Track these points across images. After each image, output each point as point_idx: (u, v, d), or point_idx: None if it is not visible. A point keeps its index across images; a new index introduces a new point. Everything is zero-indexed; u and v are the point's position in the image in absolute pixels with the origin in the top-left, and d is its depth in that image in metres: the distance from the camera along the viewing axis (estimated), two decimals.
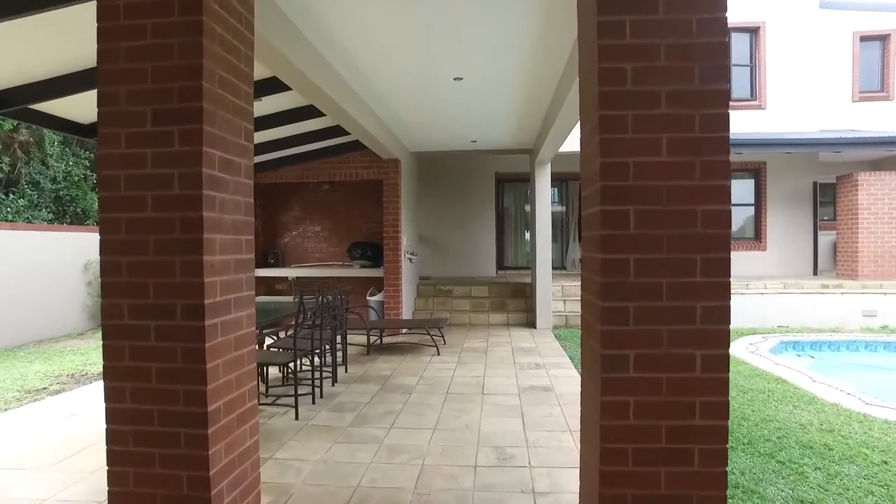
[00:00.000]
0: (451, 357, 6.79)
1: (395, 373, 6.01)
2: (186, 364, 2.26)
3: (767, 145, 10.24)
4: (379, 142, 7.16)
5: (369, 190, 9.07)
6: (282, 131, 6.95)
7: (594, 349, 2.16)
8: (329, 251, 9.45)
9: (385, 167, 8.34)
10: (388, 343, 7.72)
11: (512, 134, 8.36)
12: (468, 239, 12.19)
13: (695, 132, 2.04)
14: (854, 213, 9.96)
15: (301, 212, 9.48)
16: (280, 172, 8.65)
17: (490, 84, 5.76)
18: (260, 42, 3.41)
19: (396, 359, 6.75)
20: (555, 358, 6.70)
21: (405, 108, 6.69)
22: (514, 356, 6.81)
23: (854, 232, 9.96)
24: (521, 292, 10.02)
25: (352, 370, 6.14)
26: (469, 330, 8.90)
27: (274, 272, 8.88)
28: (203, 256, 2.26)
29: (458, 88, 5.85)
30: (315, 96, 4.97)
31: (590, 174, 2.25)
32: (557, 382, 5.47)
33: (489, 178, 12.33)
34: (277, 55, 3.86)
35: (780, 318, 9.24)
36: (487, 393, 5.12)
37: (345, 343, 6.31)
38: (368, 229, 9.27)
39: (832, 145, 10.10)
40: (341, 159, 8.48)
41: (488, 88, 5.94)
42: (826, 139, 10.20)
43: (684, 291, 2.04)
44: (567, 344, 7.74)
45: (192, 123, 2.26)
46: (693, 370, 2.03)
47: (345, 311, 6.14)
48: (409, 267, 9.16)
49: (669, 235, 2.04)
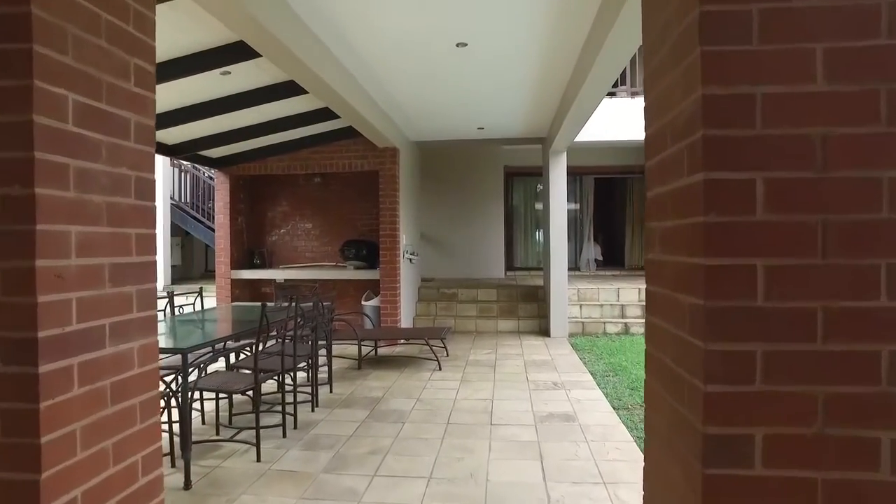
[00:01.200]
0: (454, 372, 5.90)
1: (387, 393, 5.13)
2: (6, 438, 1.38)
3: None
4: (373, 127, 6.29)
5: (365, 182, 8.20)
6: (261, 113, 6.09)
7: (687, 421, 1.26)
8: (321, 250, 8.60)
9: (381, 156, 7.46)
10: (384, 355, 6.84)
11: (523, 119, 7.46)
12: (475, 238, 11.30)
13: (879, 37, 1.13)
14: None
15: (290, 207, 8.63)
16: (266, 164, 7.80)
17: (500, 53, 4.87)
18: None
19: (391, 374, 5.87)
20: (575, 375, 5.79)
21: (399, 81, 5.80)
22: (526, 371, 5.91)
23: None
24: (533, 296, 9.12)
25: (338, 390, 5.26)
26: (476, 338, 8.01)
27: (260, 274, 8.04)
28: (37, 261, 1.39)
29: (461, 58, 4.97)
30: (293, 67, 4.11)
31: (674, 122, 1.35)
32: (581, 409, 4.57)
33: (497, 171, 11.44)
34: (239, 9, 3.01)
35: None
36: (497, 423, 4.23)
37: (330, 357, 5.44)
38: (364, 226, 8.41)
39: None
40: (333, 148, 7.61)
41: (497, 59, 5.05)
42: None
43: (855, 324, 1.13)
44: (586, 356, 6.83)
45: (13, 41, 1.38)
46: (875, 467, 1.12)
47: (329, 320, 5.27)
48: (408, 268, 8.29)
49: (830, 223, 1.14)
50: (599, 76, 4.58)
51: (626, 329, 8.42)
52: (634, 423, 4.31)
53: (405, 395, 5.03)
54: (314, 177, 8.36)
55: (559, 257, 8.10)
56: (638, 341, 7.77)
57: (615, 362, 6.46)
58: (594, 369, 6.12)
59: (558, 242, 8.11)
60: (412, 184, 8.73)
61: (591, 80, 4.67)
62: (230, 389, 3.55)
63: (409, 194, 8.45)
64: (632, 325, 8.44)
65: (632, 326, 8.42)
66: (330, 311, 5.27)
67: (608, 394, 5.09)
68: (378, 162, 7.48)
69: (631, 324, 8.45)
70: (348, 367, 6.26)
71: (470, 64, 5.16)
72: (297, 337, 4.24)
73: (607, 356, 6.85)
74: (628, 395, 5.05)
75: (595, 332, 8.45)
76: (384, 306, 7.47)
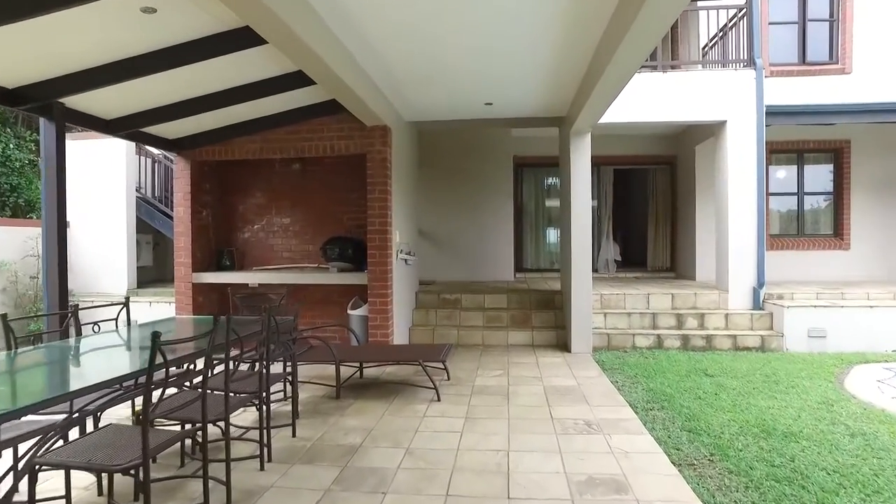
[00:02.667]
0: (455, 406, 4.64)
1: (368, 438, 3.87)
2: None
3: (855, 113, 7.97)
4: (359, 98, 5.05)
5: (353, 170, 6.96)
6: (210, 76, 4.85)
7: None
8: (301, 250, 7.35)
9: (370, 137, 6.21)
10: (371, 378, 5.59)
11: (541, 92, 6.19)
12: (480, 235, 10.04)
13: None
14: None
15: (265, 199, 7.39)
16: (233, 146, 6.56)
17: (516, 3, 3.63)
18: None
19: (377, 407, 4.62)
20: (610, 408, 4.53)
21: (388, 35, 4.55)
22: (549, 403, 4.65)
23: None
24: (549, 303, 7.85)
25: (304, 432, 4.01)
26: (483, 354, 6.75)
27: (228, 277, 6.79)
28: None
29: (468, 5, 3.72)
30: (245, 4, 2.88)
31: None
32: (632, 469, 3.30)
33: (506, 162, 10.18)
34: None
35: (894, 340, 6.97)
36: (517, 497, 2.97)
37: (295, 387, 4.19)
38: (352, 221, 7.16)
39: None
40: (312, 127, 6.37)
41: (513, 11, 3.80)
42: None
43: None
44: (618, 379, 5.56)
45: None
46: None
47: (290, 341, 4.02)
48: (403, 270, 7.04)
49: None
50: (642, 32, 3.36)
51: (658, 342, 7.15)
52: (710, 492, 3.05)
53: (391, 443, 3.78)
54: (292, 162, 7.12)
55: (581, 258, 6.83)
56: (675, 358, 6.50)
57: (656, 388, 5.19)
58: (632, 399, 4.86)
59: (581, 241, 6.84)
60: (408, 172, 7.48)
61: (631, 38, 3.44)
62: (100, 467, 2.28)
63: (405, 184, 7.20)
64: (665, 337, 7.16)
65: (665, 339, 7.15)
66: (291, 327, 4.01)
67: (661, 439, 3.82)
68: (366, 143, 6.23)
69: (664, 336, 7.17)
70: (324, 394, 5.01)
71: (479, 15, 3.92)
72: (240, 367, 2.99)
73: (643, 379, 5.58)
74: (688, 443, 3.78)
75: (622, 345, 7.18)
76: (373, 317, 6.22)
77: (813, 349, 6.87)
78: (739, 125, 7.60)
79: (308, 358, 5.08)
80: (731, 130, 7.64)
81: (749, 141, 7.58)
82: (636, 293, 7.82)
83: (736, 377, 5.61)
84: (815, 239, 9.58)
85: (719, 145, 7.92)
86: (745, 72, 7.62)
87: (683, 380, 5.53)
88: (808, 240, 9.60)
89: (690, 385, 5.32)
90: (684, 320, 7.45)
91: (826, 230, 9.70)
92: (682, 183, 10.41)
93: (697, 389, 5.15)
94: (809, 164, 9.76)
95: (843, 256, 9.50)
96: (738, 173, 7.62)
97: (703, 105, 7.67)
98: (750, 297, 7.60)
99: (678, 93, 7.69)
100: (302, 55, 3.91)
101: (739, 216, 7.62)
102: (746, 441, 3.80)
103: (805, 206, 9.73)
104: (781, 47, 9.24)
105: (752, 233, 7.59)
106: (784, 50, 9.26)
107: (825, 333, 6.90)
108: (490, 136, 9.96)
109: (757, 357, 6.58)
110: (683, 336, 7.15)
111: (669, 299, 7.76)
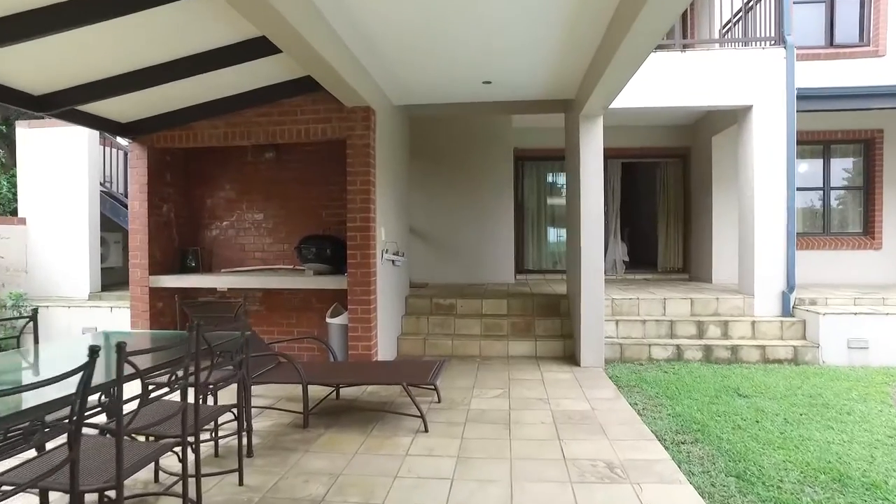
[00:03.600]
0: (446, 439, 3.83)
1: (333, 489, 3.05)
2: None
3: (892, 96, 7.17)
4: (333, 71, 4.25)
5: (333, 159, 6.13)
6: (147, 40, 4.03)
7: None
8: (275, 249, 6.52)
9: (350, 120, 5.40)
10: (348, 399, 4.78)
11: (547, 68, 5.38)
12: (479, 233, 9.22)
13: None
14: None
15: (235, 192, 6.55)
16: (195, 131, 5.74)
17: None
18: None
19: (350, 442, 3.80)
20: (635, 443, 3.72)
21: None
22: (559, 436, 3.84)
23: None
24: (555, 309, 7.04)
25: (255, 479, 3.19)
26: (480, 368, 5.94)
27: (193, 281, 5.97)
28: None
29: None
30: None
31: None
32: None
33: (506, 154, 9.36)
34: None
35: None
36: None
37: (248, 419, 3.37)
38: (332, 217, 6.34)
39: None
40: (284, 108, 5.55)
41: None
42: None
43: None
44: (638, 400, 4.75)
45: None
46: None
47: (238, 362, 3.20)
48: (390, 273, 6.23)
49: None
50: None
51: (678, 353, 6.34)
52: None
53: (362, 496, 2.96)
54: (265, 150, 6.29)
55: (592, 259, 6.03)
56: (699, 372, 5.71)
57: (684, 414, 4.39)
58: (659, 428, 4.05)
59: (591, 240, 6.03)
60: (397, 162, 6.67)
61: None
62: None
63: (392, 175, 6.38)
64: (686, 347, 6.35)
65: (686, 350, 6.34)
66: (241, 344, 3.19)
67: (704, 490, 3.01)
68: (346, 127, 5.42)
69: (684, 346, 6.36)
70: (290, 422, 4.19)
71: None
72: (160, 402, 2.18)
73: (667, 400, 4.77)
74: (740, 495, 2.97)
75: (637, 357, 6.37)
76: (353, 327, 5.40)
77: (854, 362, 6.06)
78: (767, 110, 6.79)
79: (271, 378, 4.27)
80: (757, 116, 6.82)
81: (778, 128, 6.76)
82: (651, 297, 7.01)
83: (774, 398, 4.81)
84: (842, 238, 8.79)
85: (743, 133, 7.11)
86: (774, 51, 6.80)
87: (714, 401, 4.73)
88: (834, 239, 8.80)
89: (723, 409, 4.51)
90: (706, 328, 6.65)
91: (855, 228, 8.90)
92: (697, 177, 9.60)
93: (734, 415, 4.34)
94: (836, 157, 8.96)
95: (873, 257, 8.71)
96: (766, 164, 6.81)
97: (726, 88, 6.86)
98: (778, 303, 6.79)
99: (697, 75, 6.88)
100: (260, 12, 3.11)
101: (767, 212, 6.81)
102: (817, 495, 2.98)
103: (831, 202, 8.93)
104: (806, 29, 8.44)
105: (781, 231, 6.78)
106: (809, 32, 8.47)
107: (867, 344, 6.09)
108: (489, 126, 9.14)
109: (791, 372, 5.78)
110: (705, 346, 6.34)
111: (688, 304, 6.95)
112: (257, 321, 6.42)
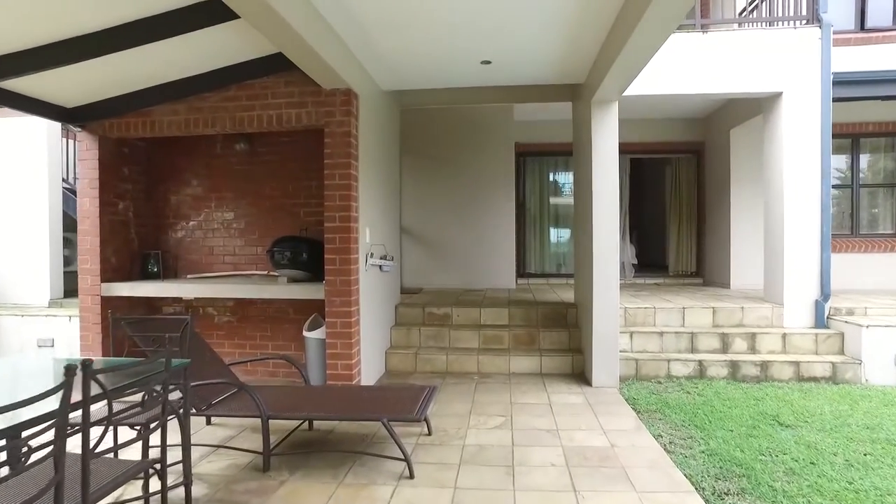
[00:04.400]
0: (435, 489, 3.10)
1: None
2: None
3: None
4: (306, 43, 3.54)
5: (313, 150, 5.42)
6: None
7: None
8: (247, 253, 5.80)
9: (328, 104, 4.68)
10: (322, 430, 4.05)
11: (554, 46, 4.66)
12: (477, 235, 8.50)
13: None
14: None
15: (203, 188, 5.83)
16: (152, 118, 5.01)
17: None
18: None
19: (315, 495, 3.07)
20: (669, 497, 2.99)
21: None
22: (574, 487, 3.11)
23: None
24: (561, 319, 6.33)
25: None
26: (478, 388, 5.22)
27: (152, 289, 5.24)
28: None
29: None
30: None
31: None
32: None
33: (507, 150, 8.63)
34: None
35: None
36: None
37: (186, 470, 2.65)
38: (312, 216, 5.62)
39: None
40: (253, 91, 4.83)
41: None
42: None
43: None
44: (663, 431, 4.03)
45: None
46: None
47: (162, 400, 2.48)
48: (377, 279, 5.51)
49: None
50: None
51: (700, 370, 5.62)
52: None
53: None
54: (236, 141, 5.58)
55: (605, 265, 5.31)
56: (727, 393, 5.00)
57: (721, 451, 3.66)
58: (693, 472, 3.33)
59: (605, 243, 5.32)
60: (384, 154, 5.94)
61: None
62: None
63: (379, 169, 5.66)
64: (709, 364, 5.63)
65: (709, 366, 5.62)
66: (173, 372, 2.47)
67: None
68: (323, 113, 4.69)
69: (708, 362, 5.64)
70: (249, 464, 3.47)
71: None
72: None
73: (697, 431, 4.06)
74: None
75: (655, 374, 5.65)
76: (332, 343, 4.68)
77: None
78: (800, 98, 6.07)
79: (226, 409, 3.55)
80: (787, 105, 6.11)
81: (812, 117, 6.05)
82: (668, 307, 6.30)
83: (824, 429, 4.09)
84: (873, 240, 8.08)
85: (770, 124, 6.39)
86: (807, 30, 6.09)
87: (752, 433, 4.01)
88: (864, 241, 8.09)
89: (766, 444, 3.80)
90: (731, 342, 5.93)
91: (886, 229, 8.19)
92: (712, 174, 8.89)
93: (781, 454, 3.62)
94: (866, 152, 8.26)
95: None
96: (797, 158, 6.09)
97: (753, 73, 6.14)
98: (811, 313, 6.08)
99: (719, 58, 6.16)
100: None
101: (798, 212, 6.09)
102: None
103: (861, 201, 8.22)
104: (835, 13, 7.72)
105: (815, 233, 6.07)
106: (839, 16, 7.75)
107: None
108: (488, 119, 8.42)
109: (833, 393, 5.06)
110: (731, 362, 5.62)
111: (710, 314, 6.24)
112: (228, 333, 5.70)
